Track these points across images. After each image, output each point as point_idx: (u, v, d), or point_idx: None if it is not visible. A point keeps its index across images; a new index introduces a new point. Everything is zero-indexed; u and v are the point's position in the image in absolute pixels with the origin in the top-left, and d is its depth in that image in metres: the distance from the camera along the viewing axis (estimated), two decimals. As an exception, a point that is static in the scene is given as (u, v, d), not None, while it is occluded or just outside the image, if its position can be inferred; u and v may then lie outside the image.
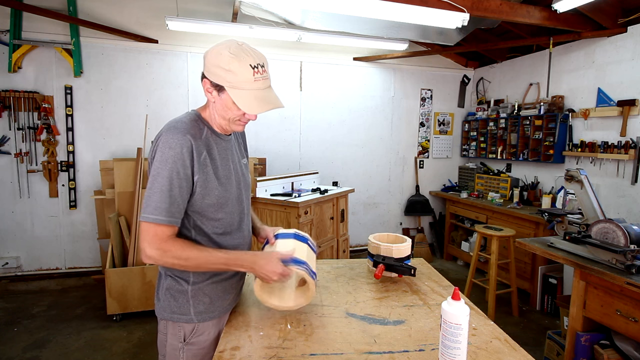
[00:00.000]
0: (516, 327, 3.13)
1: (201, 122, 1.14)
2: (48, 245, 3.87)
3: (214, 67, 1.04)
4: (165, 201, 1.02)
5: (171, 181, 1.02)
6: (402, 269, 1.49)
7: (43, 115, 3.63)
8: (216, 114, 1.13)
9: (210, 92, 1.09)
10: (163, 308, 1.16)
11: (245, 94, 1.04)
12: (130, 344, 2.74)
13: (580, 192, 2.15)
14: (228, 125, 1.15)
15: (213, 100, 1.11)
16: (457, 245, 4.72)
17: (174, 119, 1.11)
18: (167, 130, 1.06)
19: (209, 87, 1.08)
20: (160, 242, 1.02)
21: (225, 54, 1.03)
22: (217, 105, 1.11)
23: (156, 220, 1.01)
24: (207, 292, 1.16)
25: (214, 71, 1.05)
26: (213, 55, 1.05)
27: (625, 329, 1.87)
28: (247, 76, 1.03)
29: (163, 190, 1.02)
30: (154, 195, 1.02)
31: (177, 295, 1.14)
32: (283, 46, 4.32)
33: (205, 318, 1.16)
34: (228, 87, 1.05)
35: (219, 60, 1.03)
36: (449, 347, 0.91)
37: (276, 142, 4.49)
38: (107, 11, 3.77)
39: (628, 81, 3.19)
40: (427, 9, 2.66)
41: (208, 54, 1.07)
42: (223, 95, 1.07)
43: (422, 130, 5.12)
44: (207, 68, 1.06)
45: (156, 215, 1.01)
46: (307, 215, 3.15)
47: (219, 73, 1.04)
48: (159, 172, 1.02)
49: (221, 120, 1.14)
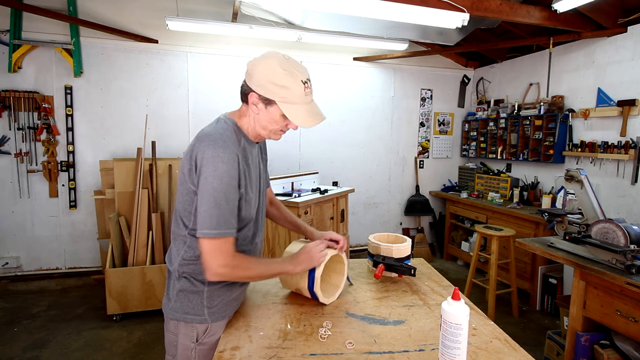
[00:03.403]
0: (516, 327, 3.13)
1: (239, 132, 1.15)
2: (48, 245, 3.87)
3: (266, 82, 1.07)
4: (227, 214, 1.04)
5: (227, 195, 1.04)
6: (402, 269, 1.50)
7: (43, 115, 3.63)
8: (257, 125, 1.15)
9: (256, 104, 1.10)
10: (175, 309, 1.16)
11: (297, 108, 1.09)
12: (130, 344, 2.74)
13: (580, 192, 2.15)
14: (268, 135, 1.17)
15: (257, 112, 1.12)
16: (457, 245, 4.72)
17: (213, 129, 1.10)
18: (214, 143, 1.05)
19: (255, 100, 1.10)
20: (227, 258, 1.05)
21: (279, 71, 1.06)
22: (261, 117, 1.12)
23: (220, 235, 1.03)
24: (221, 293, 1.17)
25: (266, 86, 1.07)
26: (265, 71, 1.07)
27: (625, 329, 1.87)
28: (299, 91, 1.08)
29: (221, 205, 1.03)
30: (213, 210, 1.02)
31: (191, 296, 1.15)
32: (283, 46, 4.32)
33: (218, 318, 1.17)
34: (280, 102, 1.08)
35: (272, 76, 1.06)
36: (449, 347, 0.91)
37: (276, 142, 4.46)
38: (107, 11, 3.77)
39: (628, 81, 3.19)
40: (427, 9, 2.66)
41: (258, 68, 1.08)
42: (271, 108, 1.10)
43: (422, 130, 5.12)
44: (258, 82, 1.08)
45: (219, 229, 1.03)
46: (307, 215, 3.15)
47: (272, 88, 1.06)
48: (215, 187, 1.02)
49: (261, 130, 1.15)
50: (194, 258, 1.13)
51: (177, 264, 1.16)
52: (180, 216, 1.14)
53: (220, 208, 1.03)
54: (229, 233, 1.05)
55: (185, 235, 1.14)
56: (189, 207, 1.10)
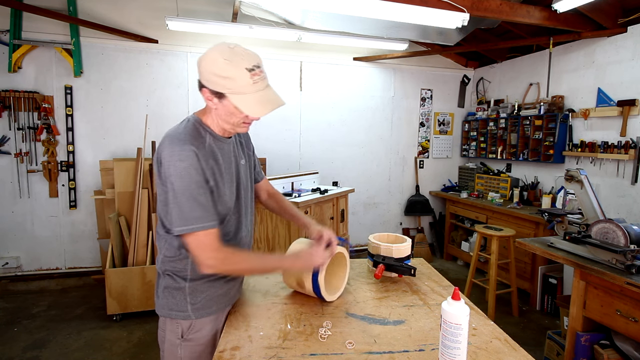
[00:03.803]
0: (516, 327, 3.13)
1: (202, 128, 1.13)
2: (48, 245, 3.87)
3: (210, 75, 1.03)
4: (197, 208, 1.04)
5: (192, 191, 1.03)
6: (402, 269, 1.49)
7: (43, 115, 3.63)
8: (219, 120, 1.13)
9: (211, 99, 1.08)
10: (161, 306, 1.18)
11: (247, 98, 1.04)
12: (130, 344, 2.74)
13: (580, 192, 2.15)
14: (233, 128, 1.15)
15: (215, 107, 1.10)
16: (457, 245, 4.72)
17: (173, 130, 1.11)
18: (170, 142, 1.05)
19: (208, 95, 1.07)
20: (212, 251, 1.05)
21: (219, 61, 1.01)
22: (220, 112, 1.10)
23: (197, 229, 1.03)
24: (204, 289, 1.18)
25: (211, 79, 1.03)
26: (207, 63, 1.03)
27: (625, 329, 1.87)
28: (245, 80, 1.02)
29: (190, 200, 1.03)
30: (184, 206, 1.03)
31: (174, 292, 1.17)
32: (283, 46, 4.32)
33: (202, 314, 1.17)
34: (228, 94, 1.04)
35: (214, 68, 1.02)
36: (449, 347, 0.91)
37: (276, 142, 4.49)
38: (107, 11, 3.77)
39: (628, 81, 3.19)
40: (427, 9, 2.66)
41: (202, 62, 1.05)
42: (224, 101, 1.06)
43: (422, 130, 5.12)
44: (204, 76, 1.05)
45: (195, 224, 1.03)
46: (307, 215, 3.15)
47: (217, 81, 1.02)
48: (178, 186, 1.02)
49: (225, 124, 1.13)
50: (173, 255, 1.15)
51: (160, 261, 1.19)
52: (160, 216, 1.15)
53: (189, 203, 1.03)
54: (207, 226, 1.04)
55: (165, 234, 1.15)
56: (165, 207, 1.09)
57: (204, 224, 1.04)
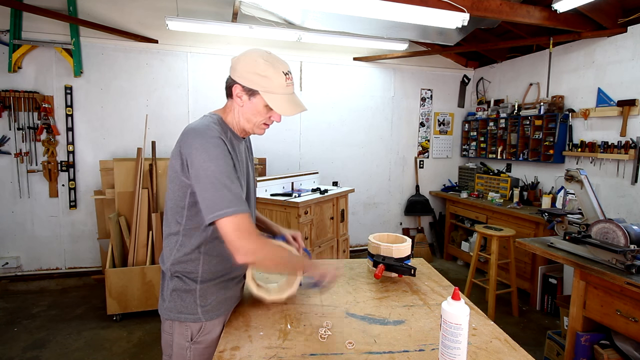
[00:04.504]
0: (516, 327, 3.13)
1: (224, 125, 1.18)
2: (48, 245, 3.87)
3: (248, 73, 1.10)
4: (234, 192, 1.03)
5: (230, 174, 1.04)
6: (402, 269, 1.49)
7: (43, 115, 3.63)
8: (242, 118, 1.17)
9: (240, 96, 1.14)
10: (169, 309, 1.16)
11: (279, 98, 1.12)
12: (131, 344, 2.74)
13: (580, 192, 2.15)
14: (252, 129, 1.19)
15: (241, 105, 1.15)
16: (457, 245, 4.72)
17: (197, 123, 1.12)
18: (200, 133, 1.06)
19: (239, 92, 1.13)
20: (253, 236, 1.03)
21: (260, 62, 1.10)
22: (246, 110, 1.15)
23: (237, 212, 1.01)
24: (214, 291, 1.18)
25: (248, 77, 1.11)
26: (247, 62, 1.11)
27: (625, 329, 1.87)
28: (280, 81, 1.11)
29: (227, 185, 1.03)
30: (220, 191, 1.02)
31: (184, 295, 1.15)
32: (283, 46, 4.32)
33: (212, 316, 1.17)
34: (262, 92, 1.11)
35: (255, 67, 1.10)
36: (449, 347, 0.91)
37: (276, 142, 4.49)
38: (107, 11, 3.77)
39: (628, 81, 3.19)
40: (427, 9, 2.66)
41: (240, 61, 1.13)
42: (254, 99, 1.13)
43: (422, 130, 5.12)
44: (240, 74, 1.12)
45: (236, 207, 1.01)
46: (307, 215, 3.15)
47: (254, 79, 1.10)
48: (214, 170, 1.02)
49: (246, 123, 1.18)
50: (185, 256, 1.14)
51: (170, 263, 1.17)
52: (172, 214, 1.14)
53: (227, 187, 1.03)
54: (245, 210, 1.03)
55: (178, 233, 1.14)
56: (182, 202, 1.10)
57: (243, 207, 1.03)
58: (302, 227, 3.13)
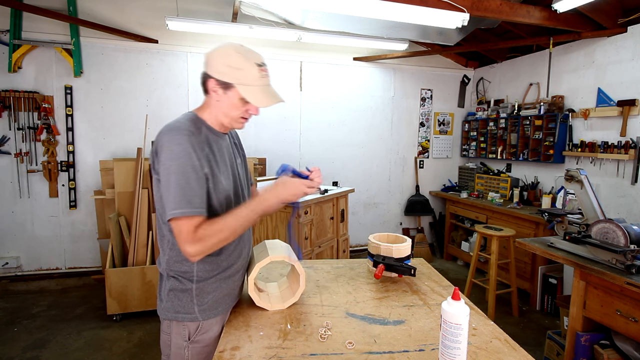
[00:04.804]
0: (516, 327, 3.13)
1: (199, 121, 1.16)
2: (48, 245, 3.87)
3: (222, 66, 1.09)
4: (186, 194, 1.02)
5: (185, 174, 1.03)
6: (402, 269, 1.49)
7: (43, 115, 3.63)
8: (219, 113, 1.16)
9: (216, 91, 1.12)
10: (166, 309, 1.16)
11: (253, 89, 1.10)
12: (131, 344, 2.74)
13: (580, 192, 2.15)
14: (230, 123, 1.17)
15: (217, 100, 1.13)
16: (457, 245, 4.72)
17: (172, 122, 1.12)
18: (168, 131, 1.07)
19: (214, 86, 1.11)
20: (193, 235, 1.02)
21: (233, 54, 1.09)
22: (222, 104, 1.13)
23: (184, 214, 1.01)
24: (211, 290, 1.17)
25: (222, 70, 1.09)
26: (220, 55, 1.10)
27: (625, 329, 1.87)
28: (254, 73, 1.10)
29: (180, 184, 1.02)
30: (173, 192, 1.02)
31: (181, 295, 1.15)
32: (283, 46, 4.32)
33: (209, 315, 1.17)
34: (237, 84, 1.09)
35: (227, 60, 1.09)
36: (449, 347, 0.91)
37: (276, 142, 4.49)
38: (107, 11, 3.77)
39: (628, 81, 3.19)
40: (427, 9, 2.66)
41: (213, 55, 1.11)
42: (230, 92, 1.11)
43: (422, 130, 5.12)
44: (214, 68, 1.10)
45: (181, 209, 1.01)
46: (307, 215, 3.15)
47: (228, 71, 1.09)
48: (171, 169, 1.03)
49: (224, 118, 1.16)
50: (179, 256, 1.14)
51: (165, 264, 1.17)
52: (160, 215, 1.14)
53: (181, 188, 1.02)
54: (194, 212, 1.02)
55: (168, 233, 1.14)
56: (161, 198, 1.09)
57: (192, 210, 1.02)
58: (302, 227, 3.13)
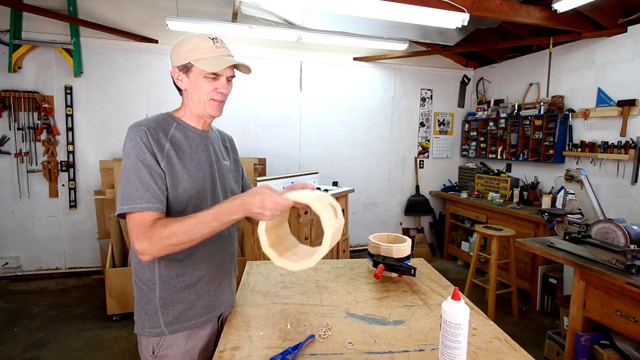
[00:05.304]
0: (516, 327, 3.13)
1: (169, 118, 1.14)
2: (48, 245, 3.87)
3: (178, 53, 1.09)
4: (138, 189, 0.99)
5: (137, 169, 1.00)
6: (402, 269, 1.49)
7: (43, 115, 3.63)
8: (191, 102, 1.13)
9: (181, 79, 1.11)
10: (136, 322, 1.14)
11: (208, 59, 1.08)
12: (131, 344, 2.74)
13: (580, 192, 2.14)
14: (204, 109, 1.12)
15: (185, 88, 1.12)
16: (457, 245, 4.72)
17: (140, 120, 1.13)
18: (130, 129, 1.06)
19: (178, 74, 1.11)
20: (144, 232, 0.96)
21: (187, 40, 1.10)
22: (190, 91, 1.11)
23: (131, 209, 0.97)
24: (176, 300, 1.10)
25: (179, 56, 1.09)
26: (177, 46, 1.10)
27: (625, 329, 1.87)
28: (208, 46, 1.08)
29: (132, 180, 1.00)
30: (126, 187, 1.00)
31: (146, 307, 1.10)
32: (283, 46, 4.32)
33: (178, 329, 1.10)
34: (193, 61, 1.07)
35: (182, 46, 1.09)
36: (449, 347, 0.91)
37: (276, 142, 4.49)
38: (107, 11, 3.77)
39: (628, 81, 3.19)
40: (427, 9, 2.66)
41: (172, 49, 1.12)
42: (191, 74, 1.09)
43: (422, 130, 5.12)
44: (174, 58, 1.10)
45: (130, 204, 0.97)
46: (307, 215, 3.15)
47: (184, 55, 1.08)
48: (125, 165, 1.02)
49: (196, 106, 1.12)
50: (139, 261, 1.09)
51: (133, 268, 1.14)
52: None
53: (130, 183, 0.99)
54: (145, 207, 0.97)
55: None
56: None
57: (140, 205, 0.97)
58: (302, 227, 3.13)
